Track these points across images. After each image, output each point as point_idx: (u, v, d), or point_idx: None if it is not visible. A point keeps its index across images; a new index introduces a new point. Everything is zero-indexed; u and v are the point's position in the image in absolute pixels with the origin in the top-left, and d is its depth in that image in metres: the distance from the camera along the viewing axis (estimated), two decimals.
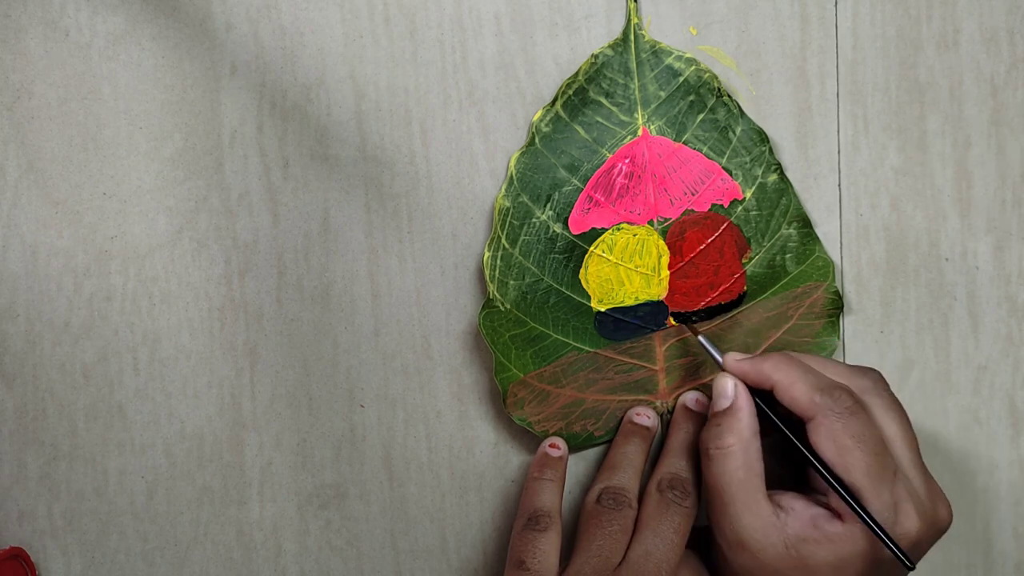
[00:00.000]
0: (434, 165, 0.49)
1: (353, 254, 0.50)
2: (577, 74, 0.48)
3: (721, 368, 0.46)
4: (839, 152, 0.50)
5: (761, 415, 0.45)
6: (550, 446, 0.49)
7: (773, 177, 0.49)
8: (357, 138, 0.49)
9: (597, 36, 0.49)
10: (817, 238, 0.49)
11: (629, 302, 0.49)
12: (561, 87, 0.48)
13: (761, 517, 0.43)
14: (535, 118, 0.48)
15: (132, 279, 0.49)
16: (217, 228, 0.49)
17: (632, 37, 0.49)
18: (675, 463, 0.47)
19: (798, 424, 0.44)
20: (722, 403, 0.45)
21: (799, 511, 0.43)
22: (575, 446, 0.50)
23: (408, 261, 0.50)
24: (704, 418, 0.49)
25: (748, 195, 0.49)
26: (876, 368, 0.46)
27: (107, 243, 0.49)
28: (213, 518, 0.50)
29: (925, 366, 0.52)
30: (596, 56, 0.48)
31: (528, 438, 0.50)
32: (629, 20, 0.49)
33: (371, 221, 0.50)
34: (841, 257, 0.51)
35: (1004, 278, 0.51)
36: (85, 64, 0.49)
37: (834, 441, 0.42)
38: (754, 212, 0.49)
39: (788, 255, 0.49)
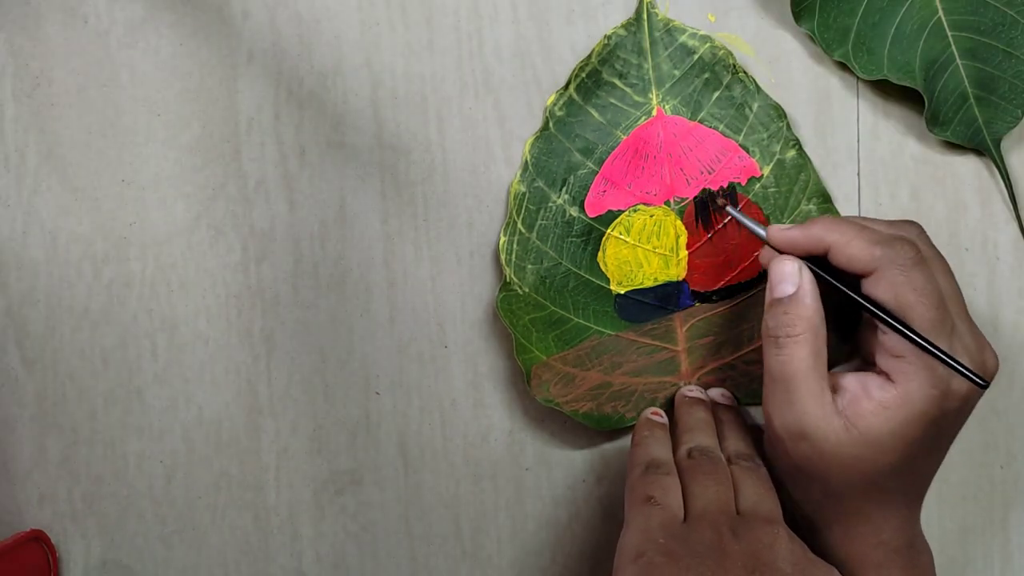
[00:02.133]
0: (450, 153, 0.49)
1: (369, 242, 0.50)
2: (590, 56, 0.48)
3: (764, 242, 0.44)
4: (858, 140, 0.50)
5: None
6: (652, 413, 0.48)
7: (791, 153, 0.49)
8: (373, 126, 0.49)
9: (614, 23, 0.49)
10: (838, 213, 0.49)
11: (648, 283, 0.49)
12: (574, 70, 0.48)
13: (824, 405, 0.42)
14: (548, 102, 0.48)
15: (150, 266, 0.50)
16: (234, 215, 0.50)
17: (645, 16, 0.48)
18: (736, 443, 0.46)
19: (852, 283, 0.42)
20: (787, 288, 0.43)
21: (852, 387, 0.42)
22: (607, 429, 0.49)
23: (424, 249, 0.50)
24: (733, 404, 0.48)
25: (766, 172, 0.49)
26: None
27: (126, 230, 0.50)
28: (230, 503, 0.50)
29: None
30: (609, 37, 0.48)
31: (543, 428, 0.50)
32: (642, 0, 0.48)
33: (387, 209, 0.50)
34: None
35: None
36: (104, 51, 0.49)
37: (895, 295, 0.41)
38: (772, 189, 0.49)
39: None
